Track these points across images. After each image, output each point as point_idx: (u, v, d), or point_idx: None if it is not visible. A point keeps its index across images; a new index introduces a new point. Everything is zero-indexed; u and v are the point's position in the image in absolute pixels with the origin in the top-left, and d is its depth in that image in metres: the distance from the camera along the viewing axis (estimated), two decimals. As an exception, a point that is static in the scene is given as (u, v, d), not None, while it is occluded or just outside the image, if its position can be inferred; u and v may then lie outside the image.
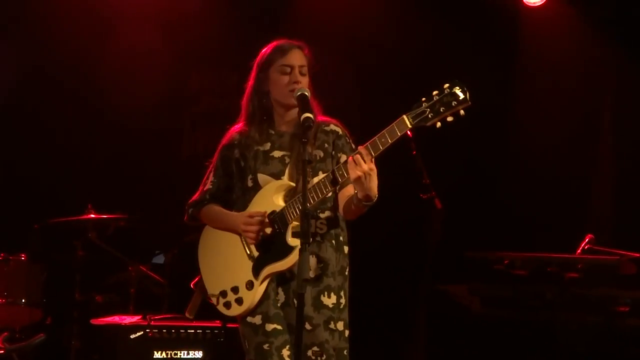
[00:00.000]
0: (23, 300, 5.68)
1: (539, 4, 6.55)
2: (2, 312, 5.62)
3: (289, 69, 3.58)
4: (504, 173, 6.47)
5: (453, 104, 3.22)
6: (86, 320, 5.54)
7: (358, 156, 3.26)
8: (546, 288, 4.99)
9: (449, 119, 3.24)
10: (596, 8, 6.41)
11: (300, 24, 6.25)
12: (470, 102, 3.23)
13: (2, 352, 5.17)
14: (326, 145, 3.61)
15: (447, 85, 3.26)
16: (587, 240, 5.24)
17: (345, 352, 3.56)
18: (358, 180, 3.26)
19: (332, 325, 3.52)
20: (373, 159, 3.27)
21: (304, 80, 3.58)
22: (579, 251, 5.21)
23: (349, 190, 3.50)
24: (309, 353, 3.48)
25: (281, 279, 3.52)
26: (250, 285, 3.50)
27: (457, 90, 3.23)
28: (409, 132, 3.46)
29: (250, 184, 3.59)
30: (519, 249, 5.24)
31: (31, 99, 6.67)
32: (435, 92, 3.26)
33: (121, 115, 6.72)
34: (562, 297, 4.92)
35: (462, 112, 3.24)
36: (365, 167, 3.24)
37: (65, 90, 6.67)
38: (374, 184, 3.28)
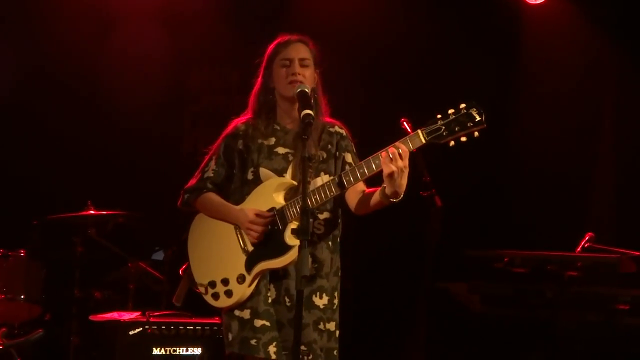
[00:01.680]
0: (22, 296, 5.68)
1: (540, 2, 6.55)
2: (1, 307, 5.62)
3: (288, 62, 3.59)
4: (504, 171, 6.46)
5: (469, 125, 3.23)
6: (85, 317, 5.53)
7: (394, 151, 3.24)
8: (546, 286, 4.98)
9: (463, 139, 3.26)
10: (597, 6, 6.41)
11: (301, 22, 6.23)
12: (485, 125, 3.23)
13: (0, 347, 5.17)
14: (329, 146, 3.62)
15: (463, 105, 3.26)
16: (587, 238, 5.23)
17: (335, 352, 3.56)
18: (391, 175, 3.24)
19: (321, 326, 3.52)
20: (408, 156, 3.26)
21: (306, 73, 3.57)
22: (578, 249, 5.21)
23: (360, 185, 3.49)
24: None
25: (274, 276, 3.51)
26: (241, 279, 3.49)
27: (474, 112, 3.24)
28: (409, 130, 3.46)
29: (250, 176, 3.58)
30: (519, 247, 5.23)
31: (31, 97, 6.67)
32: (450, 111, 3.27)
33: (121, 112, 6.73)
34: (562, 296, 4.92)
35: (476, 133, 3.25)
36: (400, 163, 3.23)
37: (65, 88, 6.68)
38: (405, 181, 3.27)
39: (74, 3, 6.63)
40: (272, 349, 3.45)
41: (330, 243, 3.58)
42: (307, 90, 3.47)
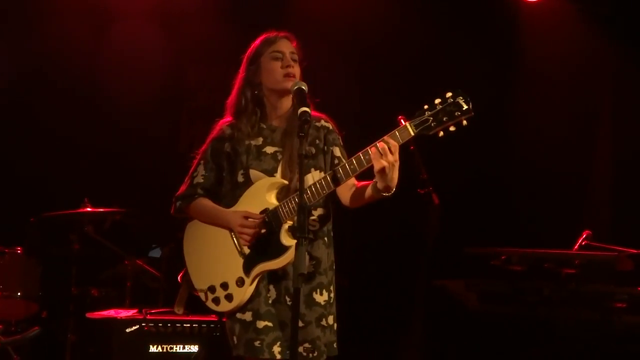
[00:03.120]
0: (19, 294, 5.68)
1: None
2: (-2, 305, 5.62)
3: (280, 55, 3.58)
4: (502, 169, 6.46)
5: (456, 114, 3.20)
6: (82, 314, 5.52)
7: (384, 146, 3.21)
8: (543, 284, 4.98)
9: (452, 128, 3.22)
10: (595, 4, 6.41)
11: (299, 20, 6.23)
12: (473, 113, 3.20)
13: (-3, 345, 5.17)
14: (317, 141, 3.60)
15: (449, 94, 3.23)
16: (584, 236, 5.23)
17: (334, 345, 3.56)
18: (382, 171, 3.22)
19: (323, 322, 3.52)
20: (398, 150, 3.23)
21: (297, 67, 3.57)
22: (576, 247, 5.21)
23: (351, 179, 3.48)
24: (300, 349, 3.46)
25: (273, 276, 3.50)
26: (240, 282, 3.48)
27: (461, 101, 3.20)
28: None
29: (241, 179, 3.55)
30: (517, 244, 5.23)
31: (28, 94, 6.66)
32: (437, 101, 3.23)
33: (118, 109, 6.72)
34: (559, 293, 4.92)
35: (464, 122, 3.21)
36: (391, 157, 3.20)
37: (63, 85, 6.67)
38: (396, 175, 3.25)
39: (71, 0, 6.62)
40: (276, 349, 3.44)
41: (325, 239, 3.57)
42: (304, 87, 3.45)
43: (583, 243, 5.21)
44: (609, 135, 6.54)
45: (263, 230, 3.46)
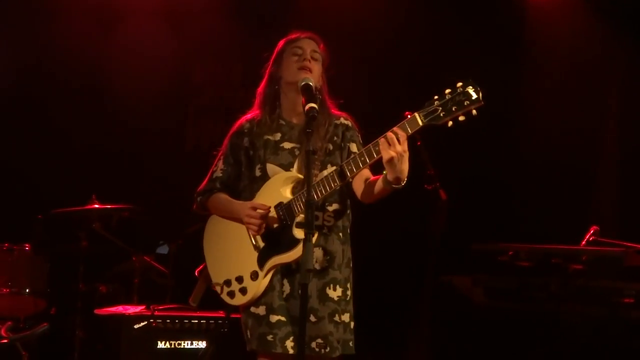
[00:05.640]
0: (27, 290, 5.70)
1: (545, -5, 6.56)
2: (7, 301, 5.63)
3: (300, 51, 3.62)
4: (509, 164, 6.46)
5: (465, 104, 3.18)
6: (90, 310, 5.55)
7: (392, 136, 3.22)
8: (550, 280, 4.98)
9: (461, 118, 3.20)
10: (603, 0, 6.40)
11: (304, 17, 6.24)
12: (483, 102, 3.17)
13: (6, 341, 5.17)
14: (335, 138, 3.63)
15: (460, 84, 3.21)
16: (591, 231, 5.22)
17: (350, 343, 3.57)
18: (390, 161, 3.22)
19: (336, 318, 3.52)
20: (406, 140, 3.23)
21: (315, 66, 3.60)
22: (583, 243, 5.20)
23: (366, 173, 3.49)
24: (313, 345, 3.48)
25: (287, 271, 3.52)
26: (254, 276, 3.50)
27: (470, 90, 3.18)
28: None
29: (258, 173, 3.59)
30: (524, 240, 5.23)
31: (35, 91, 6.68)
32: (447, 91, 3.22)
33: (125, 106, 6.74)
34: (567, 289, 4.91)
35: (474, 111, 3.19)
36: (399, 148, 3.21)
37: (70, 82, 6.70)
38: (405, 166, 3.25)
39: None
40: (289, 343, 3.45)
41: (340, 234, 3.59)
42: (311, 83, 3.48)
43: (590, 239, 5.20)
44: (616, 130, 6.53)
45: (276, 223, 3.48)
